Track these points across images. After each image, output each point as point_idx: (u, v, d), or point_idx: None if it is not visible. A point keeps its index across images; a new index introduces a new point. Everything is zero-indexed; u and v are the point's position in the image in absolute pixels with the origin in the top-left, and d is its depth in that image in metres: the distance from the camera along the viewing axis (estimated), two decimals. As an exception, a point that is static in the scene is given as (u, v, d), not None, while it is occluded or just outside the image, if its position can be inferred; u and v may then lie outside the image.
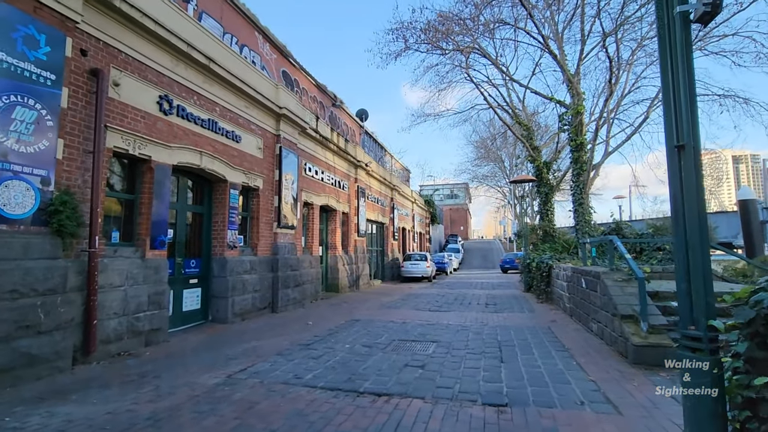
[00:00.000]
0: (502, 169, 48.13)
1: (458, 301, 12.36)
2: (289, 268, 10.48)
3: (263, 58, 12.81)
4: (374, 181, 19.55)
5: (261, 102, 9.58)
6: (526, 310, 10.29)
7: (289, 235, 10.85)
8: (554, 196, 17.07)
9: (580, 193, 11.19)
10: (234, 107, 8.84)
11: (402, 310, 10.42)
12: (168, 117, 7.02)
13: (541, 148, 17.69)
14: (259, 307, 9.34)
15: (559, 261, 10.86)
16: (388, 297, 13.60)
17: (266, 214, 10.03)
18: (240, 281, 8.66)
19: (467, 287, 17.49)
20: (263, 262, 9.70)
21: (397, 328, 7.97)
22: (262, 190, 9.87)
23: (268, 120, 10.18)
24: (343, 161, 15.37)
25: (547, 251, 12.50)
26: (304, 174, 12.14)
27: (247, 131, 9.31)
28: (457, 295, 14.04)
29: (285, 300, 10.17)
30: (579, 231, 11.17)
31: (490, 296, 13.74)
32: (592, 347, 6.11)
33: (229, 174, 8.61)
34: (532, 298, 12.64)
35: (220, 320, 8.30)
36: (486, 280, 22.11)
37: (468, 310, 10.44)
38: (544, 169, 16.64)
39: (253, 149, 9.55)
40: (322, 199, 13.32)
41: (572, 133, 11.35)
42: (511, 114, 17.76)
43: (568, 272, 8.84)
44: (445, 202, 68.85)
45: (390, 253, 22.20)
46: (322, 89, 17.02)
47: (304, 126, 11.51)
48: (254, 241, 9.67)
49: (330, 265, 14.49)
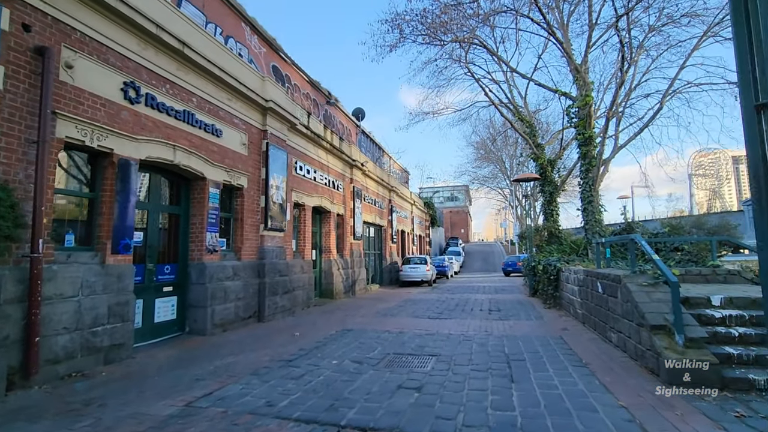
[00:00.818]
0: (503, 170, 47.46)
1: (460, 308, 11.59)
2: (277, 273, 9.73)
3: (251, 51, 12.12)
4: (371, 181, 18.82)
5: (245, 94, 8.87)
6: (534, 317, 9.52)
7: (278, 238, 10.10)
8: (559, 195, 16.32)
9: (589, 191, 10.45)
10: (214, 99, 8.12)
11: (399, 318, 9.65)
12: (134, 106, 6.29)
13: (545, 145, 16.96)
14: (243, 316, 8.57)
15: (568, 263, 10.10)
16: (385, 303, 12.82)
17: (252, 216, 9.28)
18: (221, 288, 7.90)
19: (469, 291, 16.71)
20: (248, 267, 8.95)
21: (392, 339, 7.20)
22: (247, 190, 9.13)
23: (254, 114, 9.46)
24: (338, 160, 14.65)
25: (554, 253, 11.74)
26: (294, 173, 11.41)
27: (229, 125, 8.58)
28: (458, 301, 13.26)
29: (273, 308, 9.40)
30: (589, 231, 10.41)
31: (493, 301, 12.97)
32: (614, 362, 5.34)
33: (208, 171, 7.87)
34: (538, 304, 11.86)
35: (198, 332, 7.53)
36: (488, 283, 21.33)
37: (471, 318, 9.67)
38: (548, 167, 15.91)
39: (236, 145, 8.82)
40: (314, 199, 12.58)
41: (580, 126, 10.62)
42: (512, 110, 17.05)
43: (580, 276, 8.08)
44: (445, 204, 68.13)
45: (388, 257, 21.43)
46: (315, 86, 16.33)
47: (294, 121, 10.79)
48: (238, 244, 8.91)
49: (324, 270, 13.73)
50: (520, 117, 16.69)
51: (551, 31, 10.24)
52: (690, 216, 10.05)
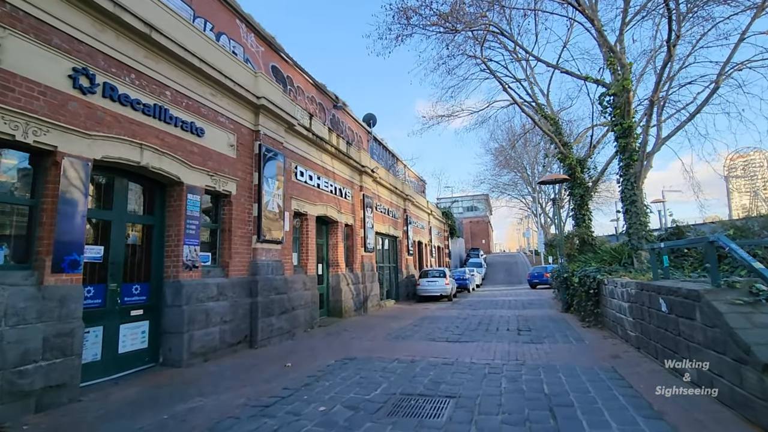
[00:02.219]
0: (524, 177, 45.68)
1: (483, 326, 10.15)
2: (273, 291, 8.57)
3: (247, 50, 11.25)
4: (383, 189, 17.66)
5: (232, 90, 7.88)
6: (572, 339, 8.03)
7: (274, 251, 8.98)
8: (590, 198, 14.74)
9: (631, 189, 8.97)
10: (194, 93, 7.14)
11: (412, 342, 8.31)
12: (87, 97, 5.31)
13: (572, 144, 15.46)
14: (231, 342, 7.42)
15: (610, 274, 8.59)
16: (399, 322, 11.49)
17: (242, 226, 8.20)
18: (201, 311, 6.78)
19: (493, 307, 15.18)
20: (237, 285, 7.83)
21: (402, 371, 5.89)
22: (236, 197, 8.07)
23: (244, 112, 8.46)
24: (345, 166, 13.55)
25: (592, 262, 10.22)
26: (294, 179, 10.34)
27: (213, 124, 7.58)
28: (481, 318, 11.81)
29: (267, 331, 8.22)
30: (633, 236, 8.90)
31: (521, 318, 11.46)
32: (700, 410, 3.90)
33: (186, 175, 6.84)
34: (574, 321, 10.32)
35: (173, 362, 6.40)
36: (514, 297, 19.67)
37: (496, 340, 8.25)
38: (578, 168, 14.40)
39: (222, 146, 7.80)
40: (318, 208, 11.47)
41: (617, 116, 9.21)
42: (535, 107, 15.68)
43: (631, 289, 6.62)
44: (464, 214, 66.40)
45: (404, 270, 20.09)
46: (320, 89, 15.40)
47: (292, 122, 9.76)
48: (225, 259, 7.82)
49: (331, 286, 12.53)
50: (544, 114, 15.30)
51: (579, 6, 8.87)
52: (760, 216, 8.41)
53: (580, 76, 11.17)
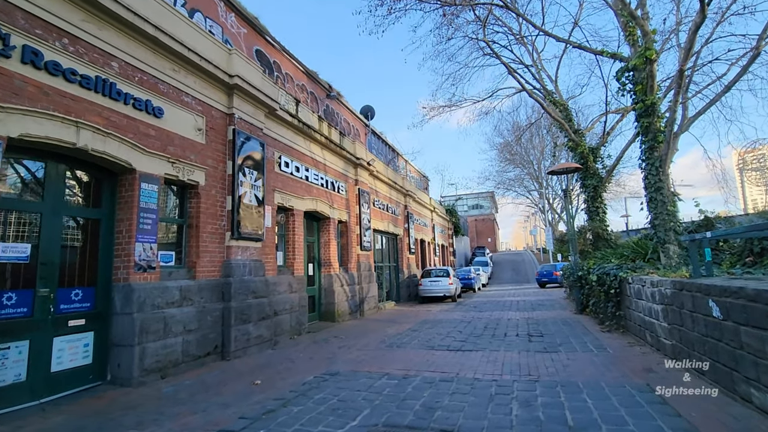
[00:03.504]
0: (531, 174, 44.49)
1: (489, 331, 9.10)
2: (250, 294, 7.59)
3: (226, 31, 10.28)
4: (382, 184, 16.64)
5: (199, 66, 6.91)
6: (592, 347, 6.96)
7: (252, 249, 8.00)
8: (605, 190, 13.61)
9: (656, 174, 7.87)
10: (149, 67, 6.17)
11: (408, 351, 7.28)
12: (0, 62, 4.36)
13: (584, 132, 14.34)
14: (197, 354, 6.44)
15: (634, 271, 7.51)
16: (396, 326, 10.46)
17: (213, 221, 7.22)
18: (158, 319, 5.80)
19: (500, 308, 14.10)
20: (206, 288, 6.85)
21: (390, 391, 4.87)
22: (205, 188, 7.10)
23: (214, 93, 7.49)
24: (338, 158, 12.55)
25: (611, 258, 9.12)
26: (278, 170, 9.36)
27: (175, 104, 6.61)
28: (487, 322, 10.74)
29: (242, 340, 7.24)
30: (659, 228, 7.79)
31: (531, 322, 10.39)
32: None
33: (139, 161, 5.87)
34: (591, 325, 9.23)
35: (122, 381, 5.43)
36: (522, 297, 18.56)
37: (504, 348, 7.20)
38: (590, 157, 13.29)
39: (187, 130, 6.83)
40: (307, 203, 10.48)
41: (638, 92, 8.13)
42: (543, 94, 14.58)
43: (666, 289, 5.55)
44: (469, 212, 65.27)
45: (406, 269, 19.06)
46: (312, 77, 14.41)
47: (273, 106, 8.77)
48: (192, 258, 6.85)
49: (324, 287, 11.53)
50: (552, 100, 14.20)
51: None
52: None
53: (594, 50, 10.05)
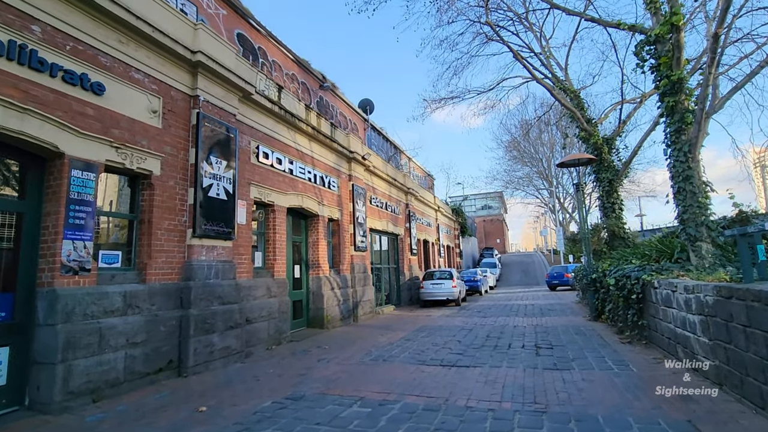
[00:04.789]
0: (540, 172, 43.20)
1: (492, 341, 8.05)
2: (215, 300, 6.66)
3: (202, 10, 9.42)
4: (380, 181, 15.66)
5: (152, 38, 6.01)
6: (612, 362, 5.88)
7: (221, 249, 7.08)
8: (621, 184, 12.44)
9: (684, 161, 6.75)
10: (87, 36, 5.28)
11: (394, 366, 6.28)
12: None
13: (598, 122, 13.20)
14: (145, 371, 5.51)
15: (660, 274, 6.41)
16: (389, 334, 9.46)
17: (170, 217, 6.31)
18: (91, 330, 4.90)
19: (506, 313, 13.00)
20: (160, 293, 5.94)
21: (358, 425, 3.88)
22: (160, 178, 6.19)
23: (174, 71, 6.59)
24: (329, 151, 11.61)
25: (631, 259, 8.02)
26: (255, 161, 8.44)
27: (122, 81, 5.72)
28: (491, 329, 9.68)
29: (204, 353, 6.30)
30: (689, 223, 6.67)
31: (540, 329, 9.31)
32: None
33: (71, 144, 4.98)
34: (608, 334, 8.13)
35: (42, 406, 4.52)
36: (530, 301, 17.41)
37: (507, 362, 6.15)
38: (605, 148, 12.16)
39: (138, 111, 5.93)
40: (291, 198, 9.55)
41: (662, 67, 7.05)
42: (552, 79, 13.48)
43: (706, 296, 4.48)
44: (478, 213, 64.04)
45: (407, 271, 18.04)
46: (303, 66, 13.51)
47: (247, 89, 7.86)
48: (143, 259, 5.94)
49: (312, 291, 10.58)
50: (563, 87, 13.10)
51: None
52: None
53: (610, 23, 8.93)
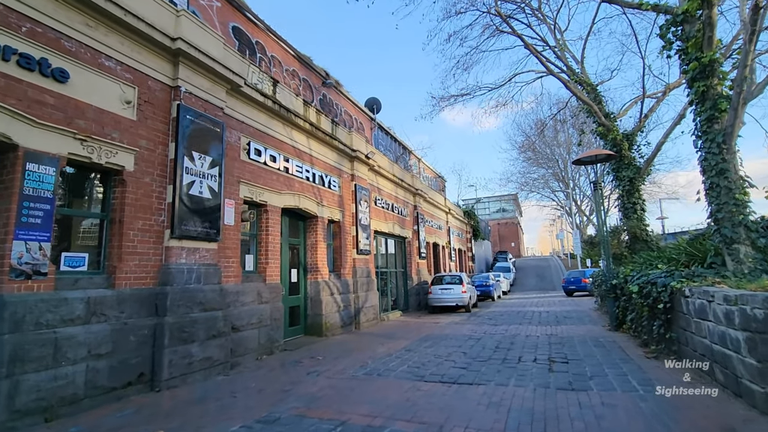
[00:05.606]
0: (556, 174, 42.01)
1: (500, 353, 7.33)
2: (195, 306, 6.13)
3: (193, 1, 8.99)
4: (385, 181, 15.05)
5: (124, 22, 5.55)
6: (637, 383, 5.12)
7: (204, 251, 6.56)
8: (643, 182, 11.56)
9: (717, 152, 5.94)
10: (47, 17, 4.83)
11: (389, 382, 5.62)
12: None
13: (617, 117, 12.34)
14: (111, 385, 5.00)
15: (691, 280, 5.62)
16: (390, 343, 8.81)
17: (144, 216, 5.82)
18: (45, 341, 4.40)
19: (519, 321, 12.20)
20: (131, 299, 5.43)
21: (330, 460, 3.25)
22: (134, 174, 5.71)
23: (151, 59, 6.12)
24: (329, 149, 11.06)
25: (657, 263, 7.21)
26: (246, 158, 7.94)
27: (89, 68, 5.26)
28: (501, 339, 8.94)
29: (182, 365, 5.76)
30: (724, 222, 5.85)
31: (555, 340, 8.53)
32: None
33: (25, 135, 4.52)
34: (631, 347, 7.32)
35: (-16, 427, 4.03)
36: (546, 307, 16.52)
37: (515, 380, 5.44)
38: (625, 144, 11.31)
39: (108, 101, 5.46)
40: (286, 198, 9.01)
41: (691, 49, 6.27)
42: (567, 73, 12.70)
43: (755, 309, 3.73)
44: (492, 216, 62.88)
45: (415, 276, 17.35)
46: (305, 62, 13.03)
47: (236, 81, 7.36)
48: (112, 262, 5.44)
49: (310, 296, 10.01)
50: (579, 80, 12.31)
51: None
52: None
53: (631, 4, 8.11)
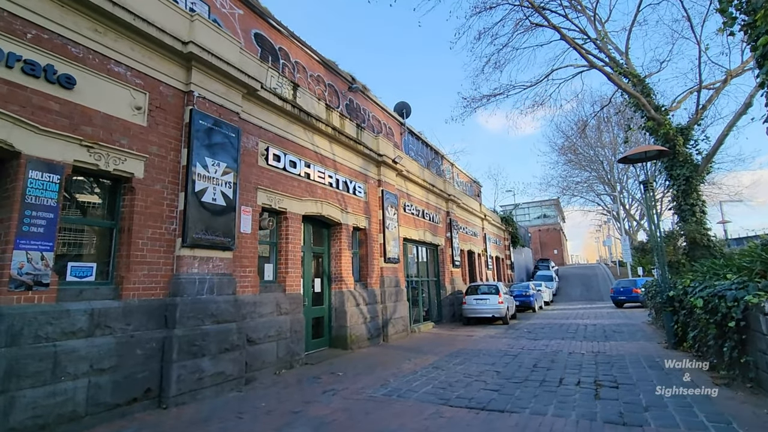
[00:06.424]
0: (601, 177, 39.67)
1: (538, 374, 6.54)
2: (207, 318, 5.86)
3: (215, 9, 8.98)
4: (415, 186, 14.51)
5: (135, 28, 5.43)
6: (705, 417, 4.24)
7: (218, 260, 6.31)
8: (702, 181, 10.32)
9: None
10: (53, 23, 4.76)
11: (408, 405, 5.05)
12: None
13: (669, 110, 11.17)
14: (115, 402, 4.76)
15: (772, 294, 4.66)
16: (418, 359, 8.21)
17: (155, 224, 5.63)
18: (43, 356, 4.22)
19: (561, 335, 11.20)
20: (138, 311, 5.22)
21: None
22: (144, 181, 5.55)
23: (163, 64, 5.99)
24: (354, 154, 10.70)
25: (725, 273, 6.20)
26: (264, 164, 7.70)
27: (98, 73, 5.16)
28: (539, 356, 8.10)
29: (191, 380, 5.48)
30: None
31: (602, 359, 7.59)
32: None
33: (27, 142, 4.42)
34: (695, 370, 6.30)
35: (-21, 445, 3.87)
36: (592, 320, 15.23)
37: (555, 408, 4.69)
38: (679, 139, 10.16)
39: (116, 107, 5.34)
40: (307, 205, 8.70)
41: (760, 22, 5.36)
42: (610, 66, 11.69)
43: None
44: (532, 222, 60.54)
45: (449, 285, 16.59)
46: (330, 67, 12.83)
47: (252, 85, 7.15)
48: (120, 272, 5.27)
49: (334, 307, 9.61)
50: (624, 71, 11.28)
51: None
52: None
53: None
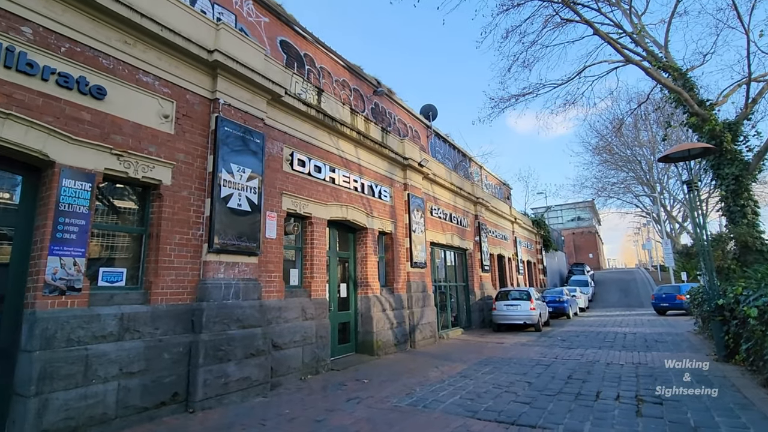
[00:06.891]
0: (639, 178, 37.85)
1: (573, 386, 6.17)
2: (233, 323, 5.89)
3: (241, 19, 9.15)
4: (442, 190, 14.27)
5: (161, 38, 5.56)
6: (764, 441, 3.83)
7: (243, 265, 6.35)
8: (754, 179, 9.56)
9: None
10: (85, 36, 4.93)
11: (433, 418, 4.86)
12: None
13: (715, 105, 10.44)
14: (144, 405, 4.84)
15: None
16: (445, 366, 7.97)
17: (182, 230, 5.73)
18: (75, 359, 4.33)
19: (598, 344, 10.64)
20: (167, 315, 5.30)
21: None
22: (171, 188, 5.65)
23: (190, 73, 6.11)
24: (379, 158, 10.62)
25: (783, 280, 5.67)
26: (288, 169, 7.73)
27: (127, 83, 5.30)
28: (574, 367, 7.68)
29: (217, 385, 5.51)
30: None
31: (644, 371, 7.11)
32: None
33: (61, 152, 4.57)
34: (750, 386, 5.77)
35: (15, 446, 3.99)
36: (631, 328, 14.44)
37: (591, 425, 4.37)
38: (727, 135, 9.48)
39: (146, 116, 5.47)
40: (333, 210, 8.68)
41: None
42: (647, 60, 11.09)
43: None
44: (566, 225, 58.61)
45: (478, 290, 16.19)
46: (355, 72, 12.84)
47: (277, 91, 7.20)
48: (149, 277, 5.37)
49: (360, 312, 9.52)
50: (663, 66, 10.66)
51: None
52: None
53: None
